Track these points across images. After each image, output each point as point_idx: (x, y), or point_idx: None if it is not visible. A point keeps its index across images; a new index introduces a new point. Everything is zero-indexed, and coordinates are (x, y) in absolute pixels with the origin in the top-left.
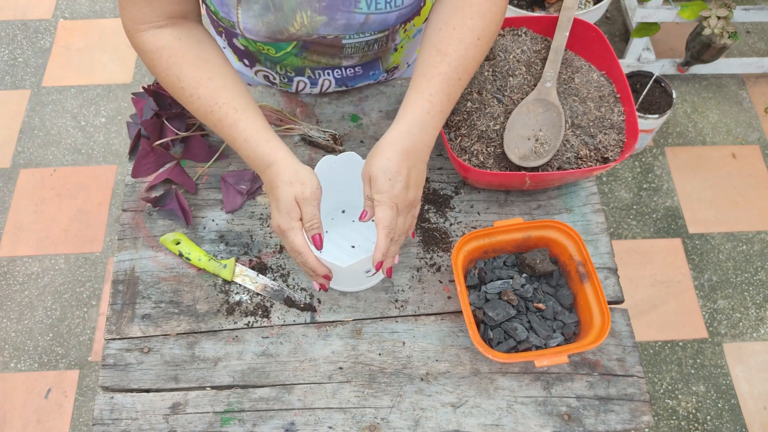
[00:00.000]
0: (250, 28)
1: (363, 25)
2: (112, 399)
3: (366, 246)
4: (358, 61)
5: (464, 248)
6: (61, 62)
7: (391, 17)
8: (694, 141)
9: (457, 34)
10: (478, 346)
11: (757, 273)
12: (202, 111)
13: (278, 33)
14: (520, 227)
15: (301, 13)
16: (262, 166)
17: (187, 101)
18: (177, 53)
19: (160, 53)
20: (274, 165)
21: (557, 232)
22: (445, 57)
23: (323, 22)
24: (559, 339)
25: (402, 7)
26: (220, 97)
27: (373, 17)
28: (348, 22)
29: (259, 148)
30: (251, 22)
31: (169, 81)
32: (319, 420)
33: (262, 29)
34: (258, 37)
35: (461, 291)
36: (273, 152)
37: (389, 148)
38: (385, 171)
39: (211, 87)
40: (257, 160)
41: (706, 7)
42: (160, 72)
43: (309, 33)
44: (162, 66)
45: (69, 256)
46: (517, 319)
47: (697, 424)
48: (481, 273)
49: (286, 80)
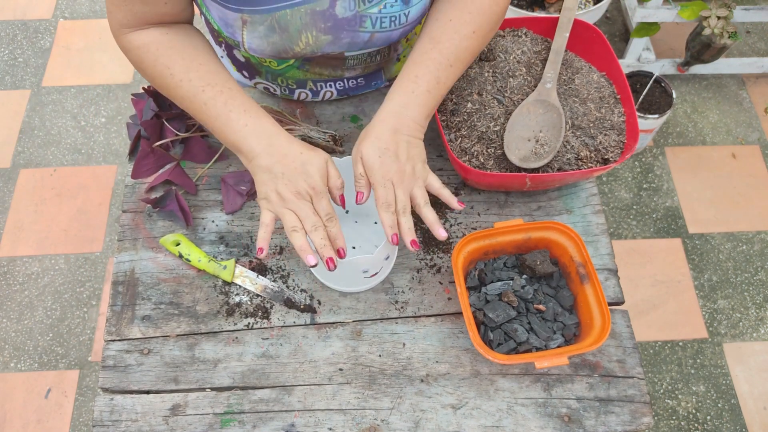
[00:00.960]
0: (255, 48)
1: (367, 42)
2: (111, 400)
3: (367, 248)
4: (361, 72)
5: (464, 249)
6: (61, 62)
7: (395, 34)
8: (694, 141)
9: (452, 25)
10: (479, 347)
11: (757, 273)
12: (191, 93)
13: (283, 52)
14: (521, 228)
15: (307, 34)
16: (262, 134)
17: (176, 86)
18: (164, 45)
19: (147, 47)
20: (281, 134)
21: (557, 234)
22: (437, 44)
23: (328, 42)
24: (559, 340)
25: (406, 25)
26: (213, 78)
27: (378, 35)
28: (352, 40)
29: (261, 118)
30: (256, 42)
31: (157, 71)
32: (319, 421)
33: (267, 49)
34: (262, 56)
35: (461, 292)
36: (274, 123)
37: (376, 127)
38: (374, 149)
39: (203, 70)
40: (257, 128)
41: (706, 7)
42: (148, 66)
43: (314, 51)
44: (150, 59)
45: (69, 256)
46: (518, 321)
47: (697, 424)
48: (481, 274)
49: (287, 92)
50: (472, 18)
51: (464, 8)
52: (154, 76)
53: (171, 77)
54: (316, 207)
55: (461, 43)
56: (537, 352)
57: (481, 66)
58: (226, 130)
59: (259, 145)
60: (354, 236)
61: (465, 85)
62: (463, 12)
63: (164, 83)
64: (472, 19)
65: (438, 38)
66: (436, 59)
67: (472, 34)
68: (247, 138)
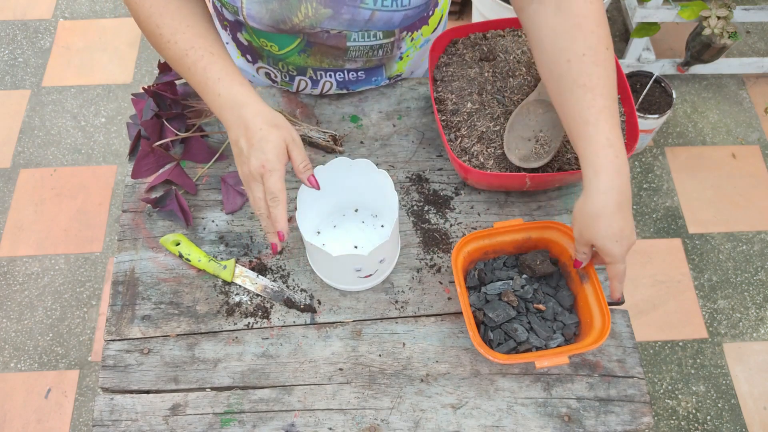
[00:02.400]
0: (254, 15)
1: (368, 21)
2: (111, 400)
3: (369, 249)
4: (362, 65)
5: (464, 249)
6: (61, 62)
7: (397, 17)
8: (694, 141)
9: (589, 58)
10: (479, 347)
11: (757, 273)
12: (177, 55)
13: (281, 22)
14: (520, 228)
15: (306, 4)
16: (234, 105)
17: (164, 47)
18: (159, 3)
19: (143, 2)
20: (251, 105)
21: (557, 233)
22: (594, 90)
23: (328, 15)
24: (559, 340)
25: (408, 8)
26: (197, 42)
27: (379, 14)
28: (353, 17)
29: (234, 87)
30: (255, 8)
31: (149, 29)
32: (319, 421)
33: (265, 16)
34: (261, 25)
35: (461, 292)
36: (248, 94)
37: (604, 211)
38: (609, 237)
39: (189, 33)
40: (229, 99)
41: (706, 7)
42: (141, 21)
43: (312, 25)
44: (144, 14)
45: (69, 256)
46: (517, 320)
47: (697, 424)
48: (480, 274)
49: (287, 79)
50: (597, 36)
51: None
52: (146, 32)
53: (160, 36)
54: (265, 185)
55: (606, 70)
56: (537, 351)
57: (481, 66)
58: (206, 99)
59: (231, 117)
60: (359, 236)
61: (465, 85)
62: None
63: (154, 41)
64: (598, 38)
65: (589, 84)
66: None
67: (606, 51)
68: (222, 109)
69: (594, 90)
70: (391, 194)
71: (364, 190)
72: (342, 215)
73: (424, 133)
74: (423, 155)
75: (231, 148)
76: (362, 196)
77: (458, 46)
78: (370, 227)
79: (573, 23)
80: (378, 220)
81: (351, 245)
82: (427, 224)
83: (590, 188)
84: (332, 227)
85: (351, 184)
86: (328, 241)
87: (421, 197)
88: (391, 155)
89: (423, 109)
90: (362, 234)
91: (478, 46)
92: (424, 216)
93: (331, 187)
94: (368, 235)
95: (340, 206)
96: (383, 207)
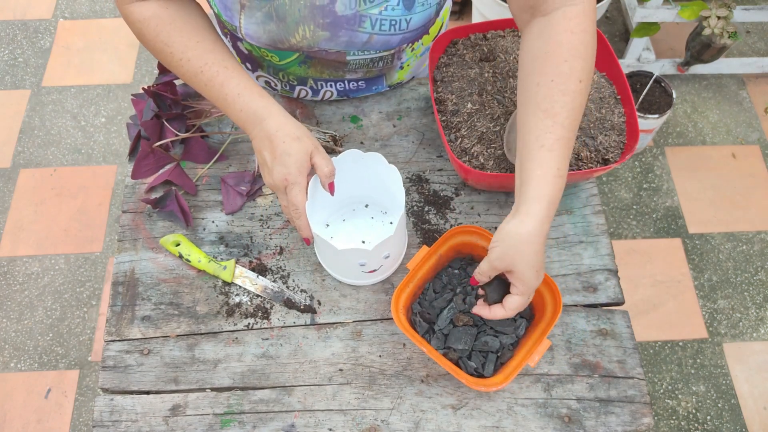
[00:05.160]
0: (252, 35)
1: (366, 43)
2: (111, 401)
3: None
4: (362, 75)
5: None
6: (61, 62)
7: (395, 39)
8: (694, 141)
9: (557, 86)
10: (477, 386)
11: (757, 273)
12: (191, 73)
13: (279, 42)
14: (428, 254)
15: (304, 27)
16: (256, 120)
17: (177, 65)
18: (164, 21)
19: (147, 22)
20: (272, 118)
21: (462, 236)
22: (556, 117)
23: (325, 37)
24: (524, 324)
25: (407, 31)
26: (210, 57)
27: (377, 37)
28: (350, 39)
29: (254, 101)
30: (252, 28)
31: (157, 48)
32: (319, 422)
33: (263, 36)
34: (259, 44)
35: (429, 350)
36: (268, 106)
37: (536, 239)
38: (532, 266)
39: (200, 49)
40: (251, 114)
41: (706, 7)
42: (149, 40)
43: (310, 46)
44: (150, 34)
45: (69, 256)
46: (482, 333)
47: (697, 424)
48: (424, 315)
49: (287, 88)
50: (570, 66)
51: (558, 59)
52: (155, 51)
53: (171, 55)
54: (288, 197)
55: (574, 102)
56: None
57: (481, 66)
58: (228, 113)
59: (254, 130)
60: (367, 231)
61: (465, 85)
62: (559, 65)
63: (165, 60)
64: (571, 68)
65: (551, 110)
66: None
67: (579, 84)
68: (245, 124)
69: (555, 117)
70: (398, 190)
71: (373, 185)
72: (352, 210)
73: (424, 133)
74: (423, 156)
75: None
76: (372, 191)
77: (458, 47)
78: (379, 223)
79: (548, 49)
80: (387, 217)
81: (359, 240)
82: (428, 225)
83: (529, 212)
84: (341, 221)
85: (360, 176)
86: (336, 234)
87: (421, 198)
88: (391, 156)
89: (423, 109)
90: (371, 229)
91: (478, 46)
92: (425, 216)
93: (340, 177)
94: (376, 230)
95: (351, 201)
96: (392, 203)
